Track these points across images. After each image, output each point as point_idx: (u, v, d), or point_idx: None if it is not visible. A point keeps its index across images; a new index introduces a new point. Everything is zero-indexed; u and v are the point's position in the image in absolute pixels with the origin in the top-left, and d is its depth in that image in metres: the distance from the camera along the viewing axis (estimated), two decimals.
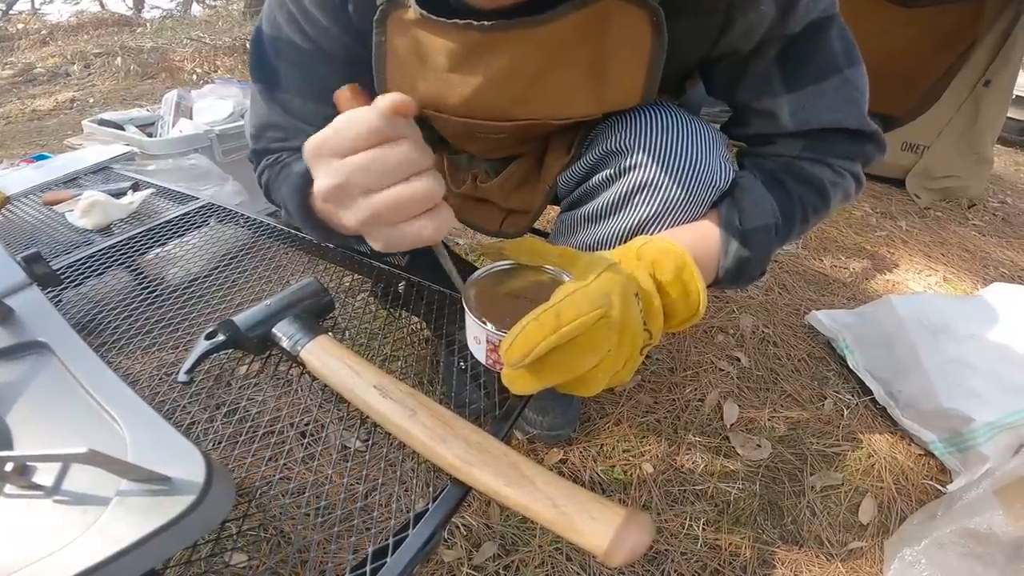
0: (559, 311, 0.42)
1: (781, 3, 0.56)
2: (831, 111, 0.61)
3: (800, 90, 0.61)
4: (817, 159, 0.65)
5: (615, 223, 0.66)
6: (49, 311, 0.56)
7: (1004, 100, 2.39)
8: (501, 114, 0.65)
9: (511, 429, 0.49)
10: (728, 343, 1.44)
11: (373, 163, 0.40)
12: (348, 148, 0.41)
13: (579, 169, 0.72)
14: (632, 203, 0.64)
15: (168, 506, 0.35)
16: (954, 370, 1.14)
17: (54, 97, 3.21)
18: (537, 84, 0.62)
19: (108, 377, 0.47)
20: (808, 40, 0.59)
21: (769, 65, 0.61)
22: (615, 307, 0.43)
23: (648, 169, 0.62)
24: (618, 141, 0.65)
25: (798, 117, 0.62)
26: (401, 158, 0.41)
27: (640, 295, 0.48)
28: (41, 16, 5.88)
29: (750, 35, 0.58)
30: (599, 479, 1.05)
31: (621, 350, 0.46)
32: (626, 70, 0.61)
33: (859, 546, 0.98)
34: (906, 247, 2.10)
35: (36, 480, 0.38)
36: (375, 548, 0.38)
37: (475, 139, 0.78)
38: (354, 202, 0.42)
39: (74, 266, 0.77)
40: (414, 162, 0.41)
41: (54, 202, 1.00)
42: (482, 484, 0.40)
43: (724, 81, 0.66)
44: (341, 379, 0.47)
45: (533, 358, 0.41)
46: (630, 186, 0.63)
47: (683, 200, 0.61)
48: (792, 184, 0.63)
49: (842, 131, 0.63)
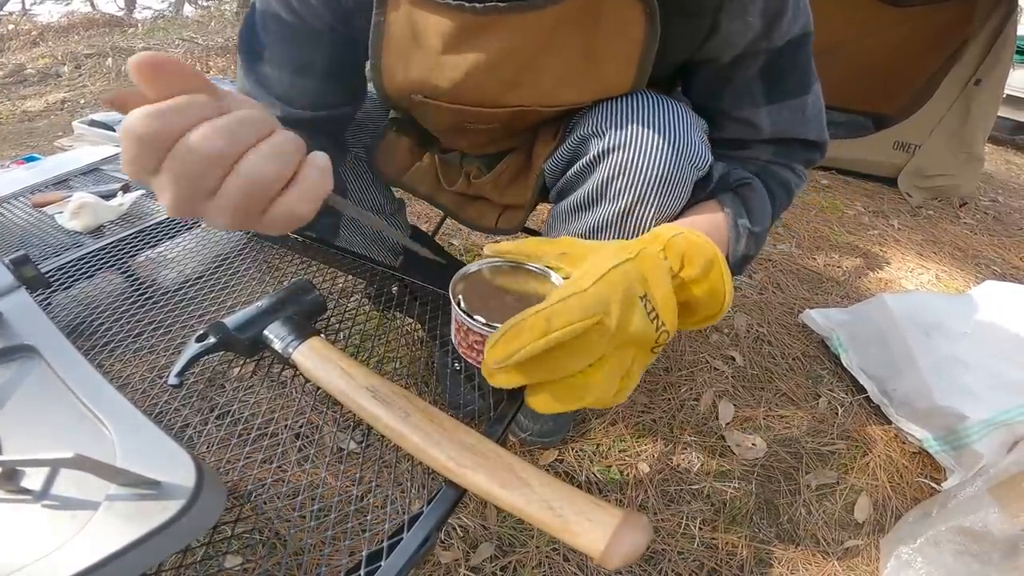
0: (550, 316, 0.39)
1: (767, 17, 0.58)
2: (803, 124, 0.67)
3: (779, 103, 0.65)
4: (784, 163, 0.70)
5: (602, 211, 0.66)
6: (37, 314, 0.56)
7: (995, 99, 2.40)
8: (491, 100, 0.66)
9: (506, 431, 0.49)
10: (723, 342, 1.44)
11: (188, 154, 0.29)
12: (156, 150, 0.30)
13: (562, 155, 0.72)
14: (614, 188, 0.64)
15: (157, 511, 0.34)
16: (948, 368, 1.14)
17: (45, 98, 3.19)
18: (528, 69, 0.63)
19: (97, 381, 0.46)
20: (789, 56, 0.62)
21: (753, 77, 0.64)
22: (612, 315, 0.41)
23: (625, 151, 0.62)
24: (596, 124, 0.65)
25: (776, 127, 0.66)
26: (221, 128, 0.30)
27: (650, 295, 0.46)
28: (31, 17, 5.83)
29: (732, 44, 0.61)
30: (595, 479, 1.04)
31: (621, 356, 0.44)
32: (618, 59, 0.62)
33: (855, 544, 0.98)
34: (899, 245, 2.11)
35: (24, 485, 0.38)
36: (369, 551, 0.38)
37: (464, 132, 0.78)
38: (207, 210, 0.32)
39: (63, 268, 0.76)
40: (242, 124, 0.31)
41: (43, 204, 0.99)
42: (476, 486, 0.39)
43: (705, 88, 0.69)
44: (333, 381, 0.47)
45: (516, 361, 0.40)
46: (611, 171, 0.63)
47: (663, 179, 0.62)
48: (773, 186, 0.67)
49: (806, 141, 0.68)
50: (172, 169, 0.30)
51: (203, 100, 0.30)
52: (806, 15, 0.62)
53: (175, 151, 0.29)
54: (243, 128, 0.31)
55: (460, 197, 0.94)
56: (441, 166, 0.92)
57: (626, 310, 0.43)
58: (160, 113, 0.29)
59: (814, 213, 2.29)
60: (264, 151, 0.32)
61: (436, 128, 0.81)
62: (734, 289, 0.55)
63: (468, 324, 0.47)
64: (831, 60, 2.91)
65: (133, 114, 0.29)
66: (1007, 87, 2.47)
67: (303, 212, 0.34)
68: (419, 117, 0.78)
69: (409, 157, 0.92)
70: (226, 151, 0.30)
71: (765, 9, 0.58)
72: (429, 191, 0.94)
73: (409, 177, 0.92)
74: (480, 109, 0.67)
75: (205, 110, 0.30)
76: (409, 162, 0.92)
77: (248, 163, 0.31)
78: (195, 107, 0.30)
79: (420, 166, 0.93)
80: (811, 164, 0.73)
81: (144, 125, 0.28)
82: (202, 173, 0.30)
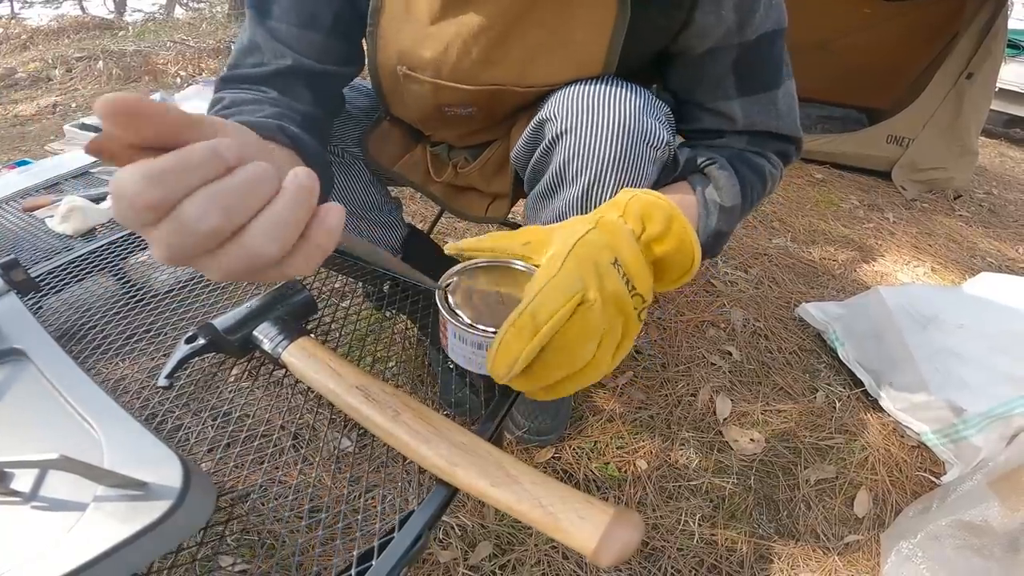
0: (534, 311, 0.39)
1: (740, 12, 0.60)
2: (776, 118, 0.68)
3: (752, 95, 0.66)
4: (759, 152, 0.70)
5: (564, 195, 0.66)
6: (26, 318, 0.55)
7: (987, 92, 2.41)
8: (467, 76, 0.68)
9: (498, 429, 0.48)
10: (719, 337, 1.44)
11: (186, 224, 0.26)
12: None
13: (524, 141, 0.72)
14: (571, 172, 0.64)
15: (145, 511, 0.34)
16: (945, 360, 1.14)
17: (36, 102, 3.17)
18: (501, 45, 0.65)
19: (85, 383, 0.46)
20: (761, 50, 0.64)
21: (726, 71, 0.65)
22: (591, 287, 0.41)
23: (576, 134, 0.63)
24: (551, 108, 0.65)
25: (748, 119, 0.68)
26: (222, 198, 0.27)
27: (620, 260, 0.45)
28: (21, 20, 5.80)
29: (705, 37, 0.63)
30: (593, 476, 1.04)
31: (614, 325, 0.44)
32: (588, 39, 0.64)
33: (855, 539, 0.98)
34: (894, 239, 2.11)
35: (13, 486, 0.38)
36: (360, 552, 0.38)
37: (445, 120, 0.79)
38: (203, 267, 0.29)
39: (54, 272, 0.75)
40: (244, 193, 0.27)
41: (33, 208, 0.99)
42: (467, 485, 0.39)
43: (680, 80, 0.70)
44: (322, 380, 0.46)
45: (520, 367, 0.39)
46: (567, 153, 0.64)
47: (617, 158, 0.62)
48: (744, 171, 0.67)
49: (779, 134, 0.70)
50: (168, 233, 0.26)
51: (201, 157, 0.27)
52: (779, 11, 0.63)
53: (173, 218, 0.26)
54: (246, 198, 0.28)
55: (450, 187, 0.95)
56: (432, 160, 0.93)
57: (604, 280, 0.43)
58: (157, 179, 0.25)
59: (809, 207, 2.29)
60: (267, 227, 0.28)
61: (418, 115, 0.81)
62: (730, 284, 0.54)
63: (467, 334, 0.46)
64: (824, 55, 2.92)
65: (126, 174, 0.25)
66: (999, 81, 2.47)
67: (307, 271, 0.31)
68: (402, 103, 0.79)
69: (402, 147, 0.93)
70: (227, 225, 0.27)
71: (739, 4, 0.60)
72: (420, 181, 0.95)
73: (401, 167, 0.93)
74: (456, 86, 0.69)
75: (206, 171, 0.27)
76: (402, 151, 0.93)
77: (251, 238, 0.28)
78: (195, 169, 0.26)
79: (412, 156, 0.93)
80: (786, 158, 0.74)
81: (139, 191, 0.25)
82: (199, 242, 0.27)
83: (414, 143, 0.94)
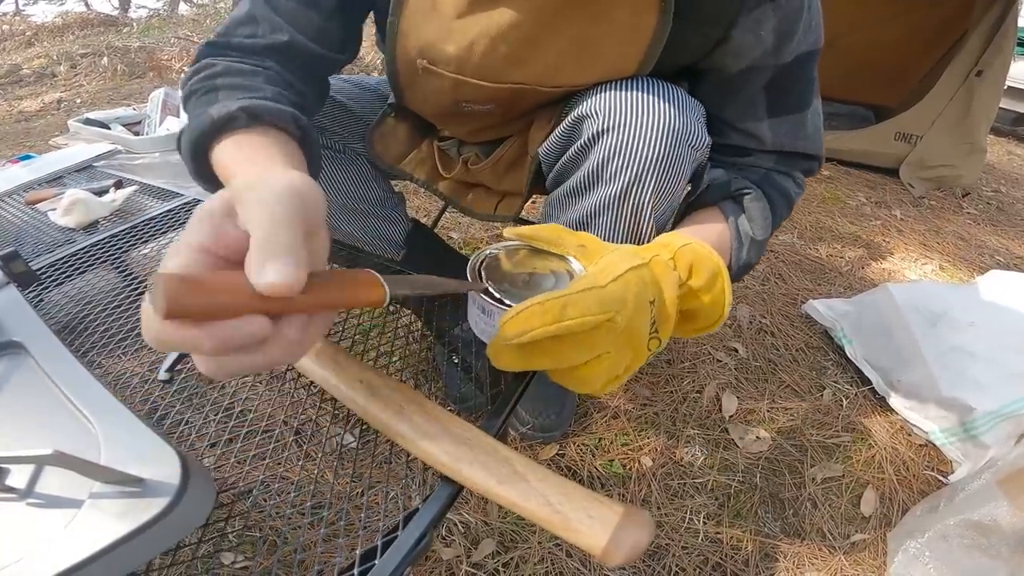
0: (567, 304, 0.39)
1: (779, 33, 0.59)
2: (803, 139, 0.68)
3: (780, 117, 0.66)
4: (786, 172, 0.71)
5: (598, 193, 0.65)
6: (26, 310, 0.55)
7: (997, 90, 2.39)
8: (493, 74, 0.66)
9: (504, 425, 0.48)
10: (725, 334, 1.43)
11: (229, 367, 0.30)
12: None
13: (556, 138, 0.71)
14: (610, 169, 0.63)
15: (142, 509, 0.33)
16: (954, 358, 1.13)
17: (41, 98, 3.17)
18: (533, 45, 0.63)
19: (84, 377, 0.45)
20: (795, 72, 0.63)
21: (757, 91, 0.65)
22: (623, 315, 0.42)
23: (619, 132, 0.61)
24: (590, 106, 0.64)
25: (777, 140, 0.67)
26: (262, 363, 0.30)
27: (656, 302, 0.46)
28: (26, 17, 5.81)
29: (740, 56, 0.62)
30: (597, 473, 1.03)
31: (621, 356, 0.44)
32: (624, 46, 0.62)
33: (862, 538, 0.97)
34: (901, 236, 2.09)
35: (8, 483, 0.37)
36: (363, 550, 0.37)
37: (461, 117, 0.77)
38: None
39: (56, 265, 0.75)
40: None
41: (37, 201, 0.98)
42: (472, 482, 0.38)
43: (710, 97, 0.69)
44: (326, 375, 0.46)
45: (527, 340, 0.39)
46: (607, 152, 0.62)
47: (660, 159, 0.61)
48: (775, 198, 0.67)
49: (806, 154, 0.70)
50: (213, 366, 0.30)
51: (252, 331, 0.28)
52: (817, 33, 0.62)
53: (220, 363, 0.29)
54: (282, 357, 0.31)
55: (458, 184, 0.93)
56: (440, 156, 0.91)
57: (636, 313, 0.44)
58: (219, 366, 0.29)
59: (816, 204, 2.28)
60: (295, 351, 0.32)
61: (434, 110, 0.80)
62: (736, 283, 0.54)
63: (490, 306, 0.46)
64: (833, 52, 2.89)
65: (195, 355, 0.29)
66: (1008, 78, 2.45)
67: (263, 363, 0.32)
68: (418, 97, 0.77)
69: (408, 143, 0.91)
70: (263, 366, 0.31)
71: (778, 27, 0.58)
72: (427, 178, 0.93)
73: (407, 163, 0.91)
74: (480, 83, 0.67)
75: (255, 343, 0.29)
76: (407, 148, 0.91)
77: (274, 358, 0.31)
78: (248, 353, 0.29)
79: (418, 153, 0.92)
80: (810, 174, 0.74)
81: (203, 365, 0.29)
82: (238, 371, 0.30)
83: (421, 139, 0.92)
